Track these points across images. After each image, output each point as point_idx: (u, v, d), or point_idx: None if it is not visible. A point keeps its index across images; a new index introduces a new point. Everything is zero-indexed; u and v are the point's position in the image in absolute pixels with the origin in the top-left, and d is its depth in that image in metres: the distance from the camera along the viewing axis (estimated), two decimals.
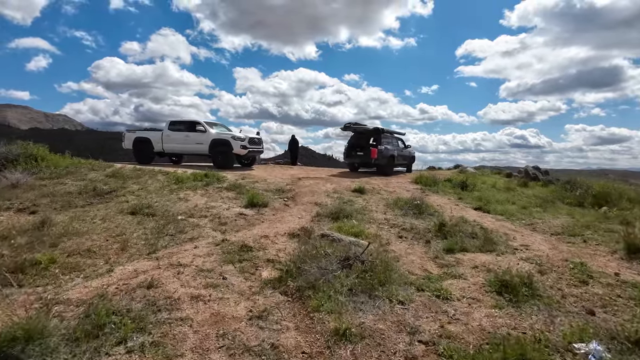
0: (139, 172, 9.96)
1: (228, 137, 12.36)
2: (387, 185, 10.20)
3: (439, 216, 6.26)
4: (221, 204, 7.05)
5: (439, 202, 7.73)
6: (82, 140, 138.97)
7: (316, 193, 8.49)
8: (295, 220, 5.96)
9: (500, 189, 12.42)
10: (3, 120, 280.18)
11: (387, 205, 7.25)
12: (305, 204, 7.48)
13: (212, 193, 8.13)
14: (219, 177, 9.71)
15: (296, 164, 18.05)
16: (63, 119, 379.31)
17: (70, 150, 12.21)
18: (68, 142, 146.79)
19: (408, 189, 9.69)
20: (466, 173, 17.11)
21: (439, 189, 9.91)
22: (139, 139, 13.61)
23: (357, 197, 8.21)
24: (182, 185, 8.62)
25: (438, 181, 11.17)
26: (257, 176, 10.84)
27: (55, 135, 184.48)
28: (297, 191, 8.87)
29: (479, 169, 21.57)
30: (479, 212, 6.90)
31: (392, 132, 15.69)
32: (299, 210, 6.89)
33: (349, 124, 13.98)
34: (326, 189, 9.04)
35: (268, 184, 9.46)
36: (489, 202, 7.98)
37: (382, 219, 6.09)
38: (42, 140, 12.57)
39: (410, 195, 8.28)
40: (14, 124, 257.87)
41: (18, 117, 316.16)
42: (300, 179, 10.87)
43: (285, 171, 13.51)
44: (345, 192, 8.74)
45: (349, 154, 14.62)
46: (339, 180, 10.88)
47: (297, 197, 8.24)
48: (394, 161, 14.80)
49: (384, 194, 8.70)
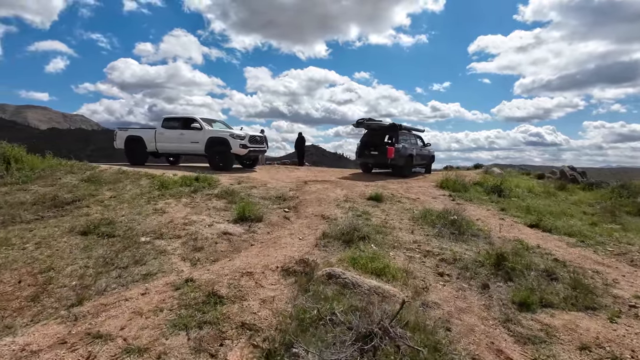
0: (121, 175, 8.69)
1: (226, 135, 10.99)
2: (408, 191, 8.65)
3: (486, 237, 4.71)
4: (205, 217, 5.65)
5: (479, 216, 6.16)
6: (98, 139, 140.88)
7: (324, 201, 7.02)
8: (295, 243, 4.51)
9: (538, 194, 10.70)
10: (23, 120, 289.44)
11: (414, 219, 5.73)
12: (309, 216, 6.03)
13: (199, 202, 6.75)
14: (211, 182, 8.35)
15: (303, 164, 16.62)
16: (80, 119, 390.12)
17: (88, 149, 11.32)
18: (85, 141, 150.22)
19: (434, 196, 8.12)
20: (492, 174, 15.35)
21: (472, 195, 8.30)
22: (131, 137, 12.39)
23: (374, 207, 6.70)
24: (165, 192, 7.28)
25: (467, 185, 9.55)
26: (257, 179, 9.44)
27: (73, 135, 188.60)
28: (301, 199, 7.42)
29: (504, 169, 19.70)
30: (536, 231, 5.31)
31: (410, 128, 14.07)
32: (300, 226, 5.43)
33: (362, 120, 12.45)
34: (336, 195, 7.56)
35: (268, 190, 8.04)
36: (540, 214, 6.36)
37: (410, 241, 4.57)
38: (61, 139, 11.89)
39: (441, 205, 6.73)
40: (33, 124, 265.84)
41: (38, 118, 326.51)
42: (307, 183, 9.42)
43: (291, 173, 12.08)
44: (358, 200, 7.24)
45: (361, 153, 13.09)
46: (350, 184, 9.37)
47: (301, 207, 6.79)
48: (413, 161, 13.20)
49: (407, 202, 7.16)
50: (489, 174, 15.28)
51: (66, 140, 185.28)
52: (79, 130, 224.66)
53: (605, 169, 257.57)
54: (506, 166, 29.68)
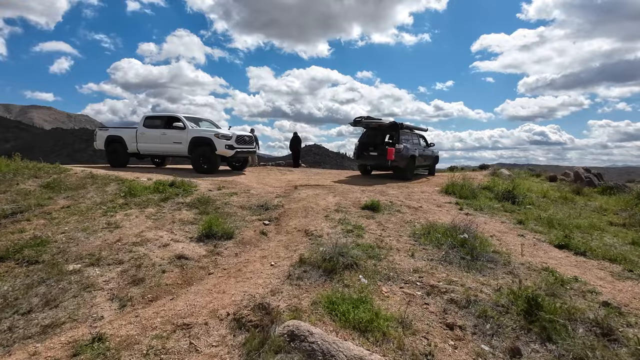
0: (88, 180, 7.79)
1: (210, 135, 10.06)
2: (410, 198, 7.66)
3: (505, 264, 3.73)
4: (164, 233, 4.72)
5: (493, 231, 5.16)
6: None
7: (311, 212, 6.07)
8: (264, 271, 3.55)
9: (554, 200, 9.66)
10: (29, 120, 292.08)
11: (415, 236, 4.75)
12: (291, 232, 5.07)
13: (165, 213, 5.83)
14: (187, 188, 7.43)
15: (299, 165, 15.65)
16: (85, 119, 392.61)
17: (90, 149, 10.65)
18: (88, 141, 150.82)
19: (439, 204, 7.13)
20: (501, 177, 14.32)
21: (482, 203, 7.29)
22: (112, 138, 11.52)
23: (369, 218, 5.73)
24: (130, 201, 6.36)
25: (475, 190, 8.54)
26: (242, 184, 8.51)
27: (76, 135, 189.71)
28: (286, 208, 6.47)
29: (512, 170, 18.63)
30: (567, 254, 4.30)
31: (412, 127, 13.07)
32: (277, 245, 4.48)
33: (359, 118, 11.47)
34: (327, 204, 6.60)
35: (250, 197, 7.10)
36: (566, 228, 5.35)
37: (410, 269, 3.60)
38: (65, 139, 11.21)
39: (448, 216, 5.75)
40: (39, 124, 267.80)
41: (43, 118, 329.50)
42: (297, 188, 8.48)
43: (282, 176, 11.14)
44: (352, 209, 6.28)
45: (360, 155, 12.12)
46: (345, 189, 8.41)
47: (284, 219, 5.84)
48: (415, 163, 12.20)
49: (407, 213, 6.18)
50: (497, 176, 14.24)
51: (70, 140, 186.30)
52: (82, 130, 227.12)
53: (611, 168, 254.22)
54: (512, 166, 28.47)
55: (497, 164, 27.42)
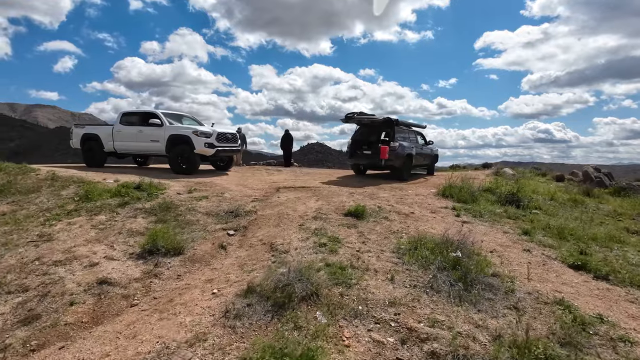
0: (47, 182, 7.07)
1: (188, 132, 9.31)
2: (402, 202, 6.87)
3: (507, 294, 2.94)
4: (102, 248, 3.98)
5: (494, 244, 4.37)
6: None
7: (286, 219, 5.31)
8: (200, 304, 2.80)
9: (563, 203, 8.83)
10: (33, 119, 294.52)
11: (399, 252, 3.97)
12: (254, 245, 4.31)
13: (117, 221, 5.09)
14: (154, 191, 6.69)
15: (290, 164, 14.87)
16: (89, 118, 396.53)
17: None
18: None
19: (434, 209, 6.33)
20: (504, 176, 13.47)
21: (482, 208, 6.48)
22: (87, 136, 10.81)
23: (350, 227, 4.96)
24: (82, 207, 5.63)
25: (475, 192, 7.73)
26: (219, 186, 7.76)
27: None
28: (259, 214, 5.72)
29: (516, 169, 17.75)
30: (585, 277, 3.49)
31: (409, 124, 12.24)
32: (230, 265, 3.72)
33: (351, 114, 10.66)
34: (306, 209, 5.84)
35: (221, 202, 6.35)
36: (580, 240, 4.54)
37: (385, 301, 2.83)
38: (69, 138, 11.05)
39: (442, 225, 4.96)
40: (43, 123, 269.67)
41: (47, 117, 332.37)
42: (279, 190, 7.72)
43: (268, 177, 10.38)
44: (333, 216, 5.51)
45: (352, 153, 11.32)
46: (332, 191, 7.63)
47: (252, 229, 5.09)
48: (412, 162, 11.38)
49: (396, 221, 5.40)
50: (500, 176, 13.39)
51: None
52: None
53: (617, 166, 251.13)
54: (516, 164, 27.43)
55: (501, 162, 26.43)
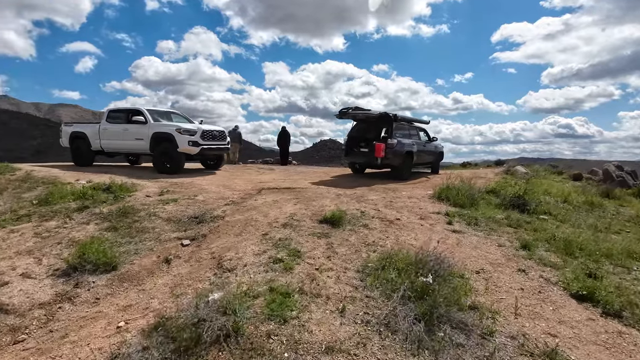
0: (16, 182, 6.75)
1: (171, 130, 8.87)
2: (391, 205, 6.20)
3: (484, 337, 2.28)
4: (27, 262, 3.51)
5: (483, 262, 3.67)
6: None
7: (251, 227, 4.75)
8: (93, 343, 2.26)
9: (577, 206, 7.95)
10: (57, 118, 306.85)
11: (365, 271, 3.34)
12: (202, 260, 3.76)
13: (66, 228, 4.65)
14: (122, 193, 6.26)
15: (287, 162, 14.29)
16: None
17: None
18: None
19: (424, 215, 5.63)
20: (515, 175, 12.53)
21: (480, 213, 5.75)
22: (75, 134, 10.55)
23: (320, 238, 4.35)
24: (37, 211, 5.23)
25: (476, 195, 6.95)
26: (197, 187, 7.27)
27: None
28: (226, 220, 5.17)
29: (531, 167, 16.63)
30: (591, 313, 2.73)
31: (410, 119, 11.47)
32: (162, 287, 3.18)
33: (345, 109, 9.99)
34: (278, 215, 5.26)
35: (190, 205, 5.84)
36: (589, 256, 3.79)
37: (322, 348, 2.22)
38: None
39: (427, 234, 4.29)
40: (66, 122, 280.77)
41: (70, 116, 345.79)
42: (261, 192, 7.17)
43: (258, 176, 9.85)
44: (306, 223, 4.91)
45: (348, 151, 10.66)
46: (317, 193, 7.03)
47: (210, 238, 4.54)
48: (413, 160, 10.63)
49: (376, 229, 4.75)
50: (511, 175, 12.45)
51: None
52: None
53: None
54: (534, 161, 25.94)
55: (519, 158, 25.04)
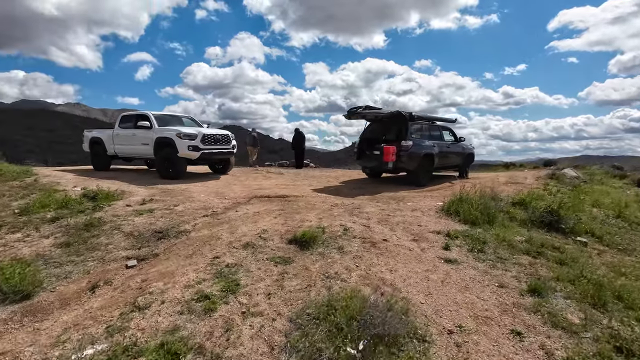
0: (19, 188, 6.91)
1: (172, 134, 8.69)
2: (386, 220, 5.31)
3: None
4: None
5: (466, 313, 2.72)
6: None
7: (209, 246, 4.20)
8: None
9: (636, 223, 6.39)
10: None
11: (297, 322, 2.60)
12: (127, 290, 3.25)
13: (25, 242, 4.46)
14: (102, 202, 6.09)
15: (303, 165, 13.68)
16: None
17: None
18: None
19: (419, 235, 4.68)
20: (561, 179, 10.74)
21: (493, 233, 4.66)
22: (94, 139, 10.90)
23: (277, 265, 3.67)
24: (10, 222, 5.16)
25: (496, 209, 5.76)
26: (188, 194, 6.93)
27: None
28: (190, 236, 4.68)
29: (588, 169, 14.34)
30: None
31: (431, 118, 10.27)
32: (51, 329, 2.71)
33: (354, 109, 9.12)
34: (247, 231, 4.66)
35: (164, 216, 5.45)
36: (631, 312, 2.69)
37: None
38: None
39: (407, 269, 3.42)
40: None
41: None
42: (250, 200, 6.65)
43: (258, 182, 9.36)
44: (273, 243, 4.25)
45: (360, 154, 9.78)
46: (310, 204, 6.34)
47: (159, 259, 4.06)
48: (434, 163, 9.47)
49: (349, 254, 3.95)
50: (555, 179, 10.68)
51: None
52: None
53: None
54: (599, 159, 22.45)
55: (580, 156, 21.77)
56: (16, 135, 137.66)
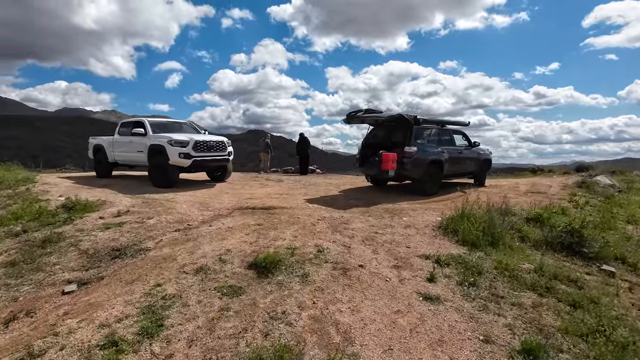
0: (5, 197, 6.84)
1: (164, 142, 8.42)
2: (370, 240, 4.64)
3: None
4: None
5: None
6: None
7: (161, 268, 3.74)
8: None
9: None
10: None
11: None
12: (36, 329, 2.82)
13: None
14: (76, 213, 5.82)
15: (307, 171, 13.11)
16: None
17: None
18: None
19: (404, 261, 3.98)
20: (593, 188, 9.52)
21: (494, 259, 3.88)
22: (97, 147, 10.92)
23: (221, 298, 3.13)
24: None
25: (503, 228, 4.92)
26: (170, 204, 6.56)
27: None
28: (148, 256, 4.24)
29: (623, 175, 12.79)
30: None
31: (441, 121, 9.42)
32: None
33: (353, 113, 8.47)
34: (209, 251, 4.16)
35: (131, 230, 5.06)
36: None
37: None
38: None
39: (371, 310, 2.77)
40: None
41: None
42: (232, 212, 6.18)
43: (253, 190, 8.89)
44: (230, 267, 3.72)
45: (363, 161, 9.10)
46: (295, 217, 5.76)
47: (102, 283, 3.63)
48: (443, 171, 8.62)
49: (314, 283, 3.34)
50: (585, 188, 9.47)
51: None
52: None
53: None
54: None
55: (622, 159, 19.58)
56: (57, 141, 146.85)
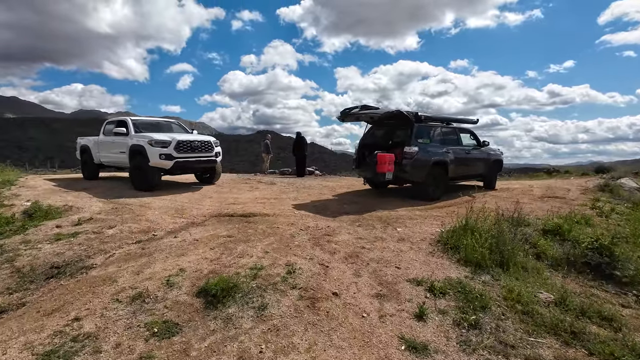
0: None
1: (144, 142, 7.82)
2: (355, 257, 3.89)
3: None
4: None
5: None
6: None
7: (93, 294, 3.09)
8: None
9: None
10: None
11: None
12: None
13: None
14: (33, 221, 5.26)
15: (304, 173, 12.37)
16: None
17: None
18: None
19: (390, 287, 3.22)
20: (617, 192, 8.55)
21: (502, 285, 3.09)
22: (83, 147, 10.44)
23: (147, 339, 2.45)
24: None
25: (515, 243, 4.11)
26: (140, 210, 5.95)
27: None
28: (90, 275, 3.61)
29: None
30: None
31: (445, 119, 8.59)
32: None
33: (347, 110, 7.72)
34: (158, 271, 3.50)
35: (85, 241, 4.44)
36: None
37: None
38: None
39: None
40: None
41: None
42: (206, 221, 5.52)
43: (240, 194, 8.21)
44: (174, 295, 3.04)
45: (360, 162, 8.34)
46: (273, 227, 5.06)
47: (20, 313, 3.00)
48: (448, 173, 7.80)
49: (269, 320, 2.63)
50: (609, 192, 8.49)
51: None
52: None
53: None
54: None
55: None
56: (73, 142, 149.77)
